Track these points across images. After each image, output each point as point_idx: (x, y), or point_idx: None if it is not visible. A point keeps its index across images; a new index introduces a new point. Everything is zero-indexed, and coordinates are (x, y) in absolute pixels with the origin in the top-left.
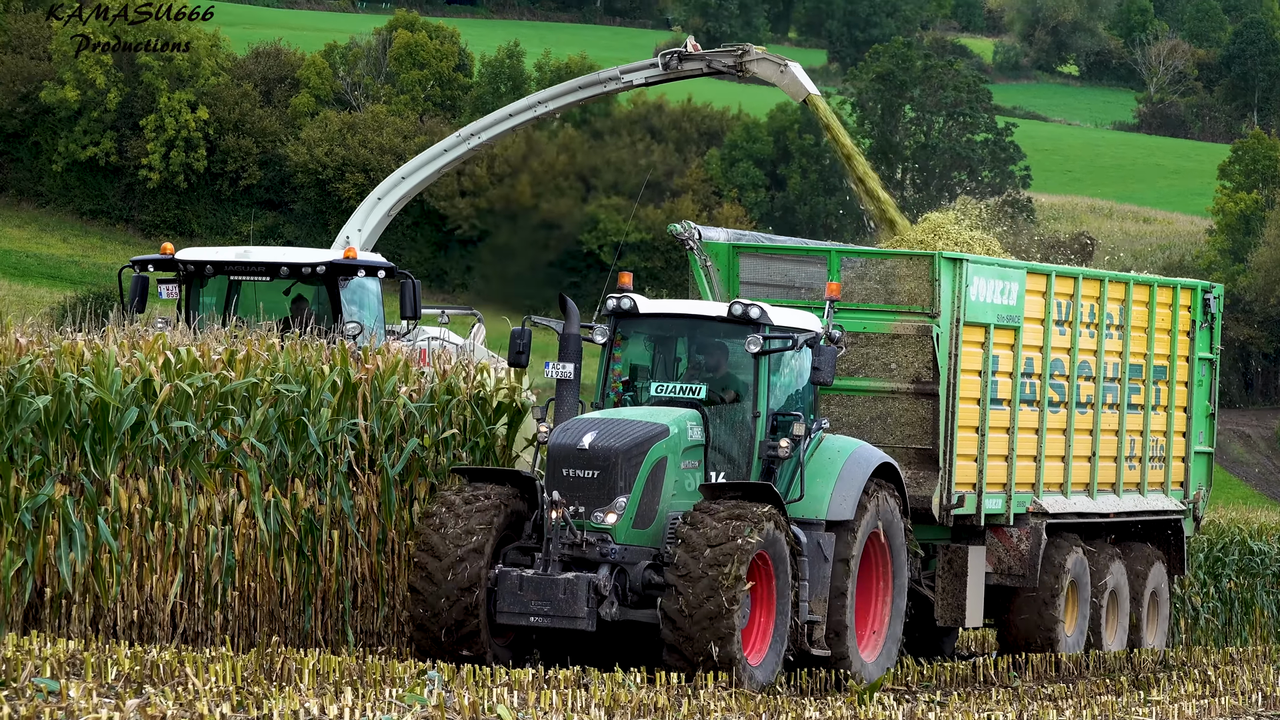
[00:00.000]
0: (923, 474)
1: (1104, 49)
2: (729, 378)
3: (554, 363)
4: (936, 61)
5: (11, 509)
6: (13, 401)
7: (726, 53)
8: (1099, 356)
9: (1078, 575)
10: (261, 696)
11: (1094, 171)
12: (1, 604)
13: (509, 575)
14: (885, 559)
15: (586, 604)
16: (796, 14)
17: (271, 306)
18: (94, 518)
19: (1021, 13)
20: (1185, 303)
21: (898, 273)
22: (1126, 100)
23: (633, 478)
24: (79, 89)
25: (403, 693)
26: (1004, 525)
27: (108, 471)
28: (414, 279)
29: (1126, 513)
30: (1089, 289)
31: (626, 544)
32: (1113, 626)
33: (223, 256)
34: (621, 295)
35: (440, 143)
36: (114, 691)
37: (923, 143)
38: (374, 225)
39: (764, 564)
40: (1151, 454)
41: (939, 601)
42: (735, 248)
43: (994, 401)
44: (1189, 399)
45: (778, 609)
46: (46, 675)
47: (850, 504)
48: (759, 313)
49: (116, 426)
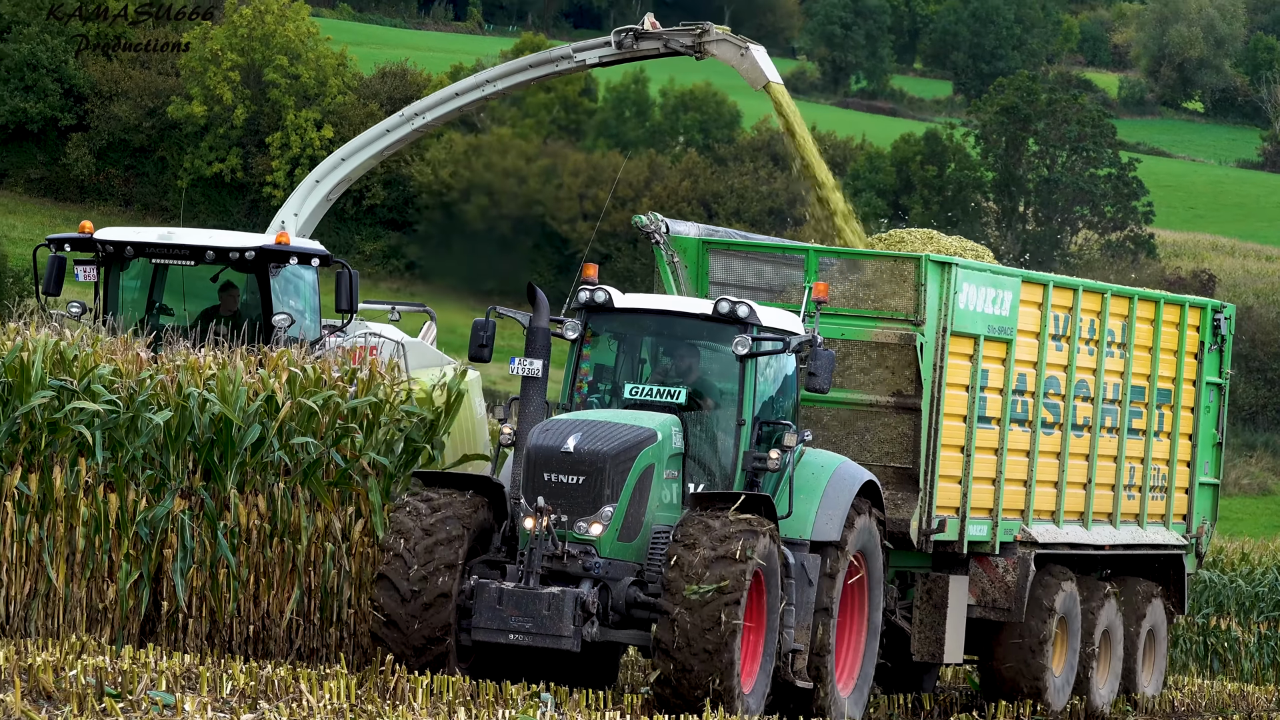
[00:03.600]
0: (901, 495)
1: (1229, 86)
2: (710, 380)
3: (520, 359)
4: (1061, 95)
5: (130, 522)
6: (134, 416)
7: (685, 31)
8: (1098, 376)
9: (1068, 611)
10: (375, 715)
11: (1217, 209)
12: (118, 617)
13: (486, 588)
14: (863, 585)
15: (572, 621)
16: (922, 45)
17: (197, 294)
18: (213, 533)
19: (1148, 48)
20: (1194, 322)
21: (880, 275)
22: (1251, 138)
23: (620, 485)
24: (206, 105)
25: (515, 714)
26: (989, 554)
27: (228, 487)
28: (351, 269)
29: (1123, 545)
30: (1090, 302)
31: (611, 557)
32: (1104, 669)
33: (144, 237)
34: (595, 288)
35: (382, 123)
36: (229, 706)
37: (1046, 176)
38: (311, 210)
39: (757, 583)
40: (1152, 484)
41: (916, 634)
42: (705, 244)
43: (982, 420)
44: (1194, 426)
45: (767, 629)
46: (162, 688)
47: (837, 524)
48: (747, 311)
49: (238, 442)
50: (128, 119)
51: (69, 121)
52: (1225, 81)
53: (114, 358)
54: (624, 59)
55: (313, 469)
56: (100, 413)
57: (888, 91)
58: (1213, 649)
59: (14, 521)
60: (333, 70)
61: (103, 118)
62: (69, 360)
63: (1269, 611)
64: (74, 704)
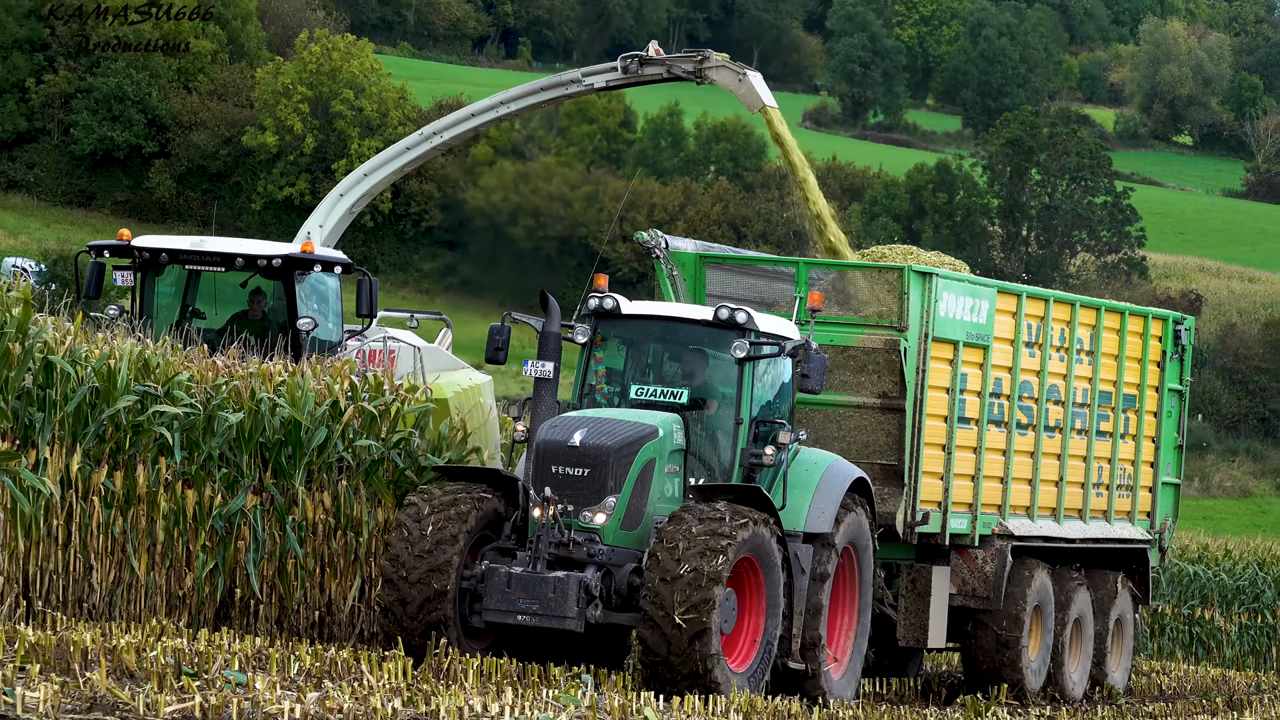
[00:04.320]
0: (887, 490)
1: (1216, 122)
2: (711, 382)
3: (533, 361)
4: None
5: (205, 516)
6: (209, 418)
7: (687, 58)
8: (1069, 381)
9: (1042, 600)
10: (430, 694)
11: (1204, 234)
12: (195, 603)
13: (496, 571)
14: (854, 574)
15: (576, 604)
16: (934, 83)
17: (228, 299)
18: (281, 526)
19: (1141, 86)
20: (1156, 333)
21: (866, 285)
22: (1236, 169)
23: (623, 477)
24: (278, 134)
25: (559, 693)
26: (969, 546)
27: (296, 484)
28: (371, 276)
29: (1092, 540)
30: (1060, 312)
31: (614, 545)
32: (1076, 654)
33: (178, 245)
34: (604, 295)
35: (402, 141)
36: (296, 685)
37: (1047, 203)
38: (335, 222)
39: (752, 568)
40: (1119, 482)
41: (901, 621)
42: (702, 258)
43: (961, 420)
44: (1158, 429)
45: (768, 615)
46: (235, 668)
47: (828, 517)
48: (745, 317)
49: (306, 443)
50: (206, 147)
51: (152, 149)
52: (1212, 117)
53: (191, 365)
54: (629, 83)
55: (374, 468)
56: (180, 415)
57: (902, 125)
58: (1197, 637)
59: (100, 515)
60: (394, 103)
61: (183, 145)
62: (153, 367)
63: (1249, 603)
64: (154, 682)
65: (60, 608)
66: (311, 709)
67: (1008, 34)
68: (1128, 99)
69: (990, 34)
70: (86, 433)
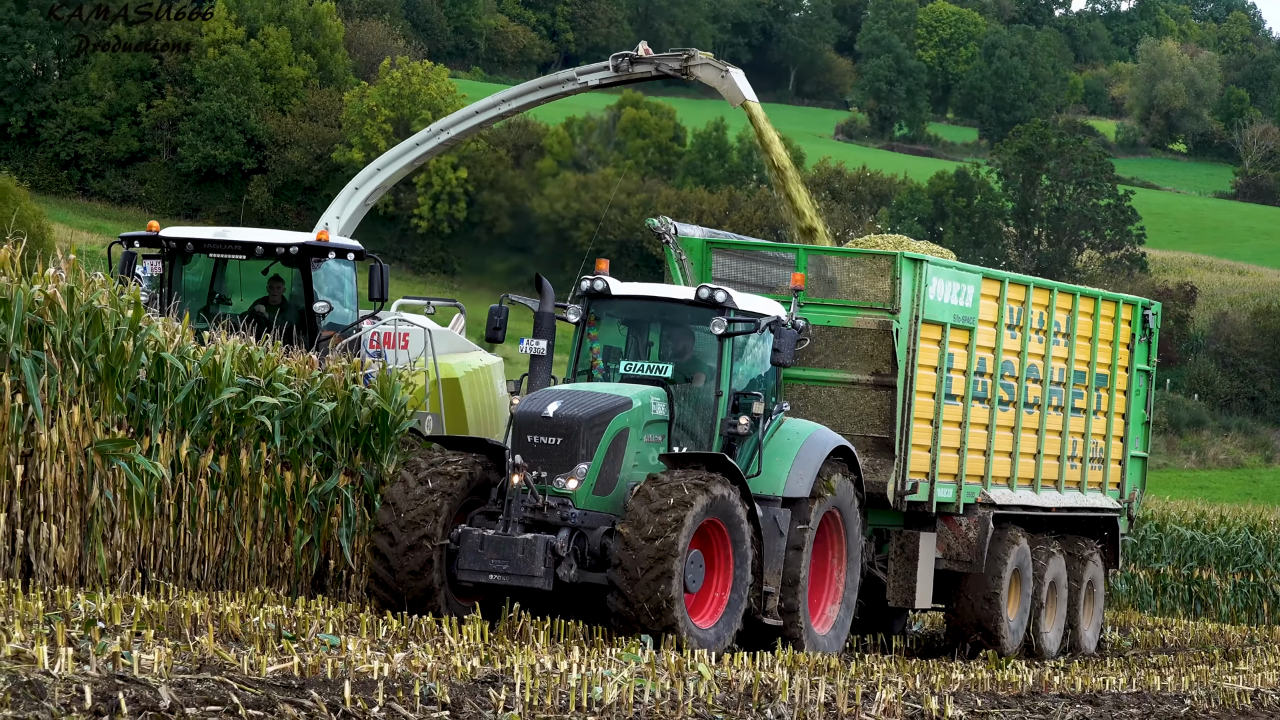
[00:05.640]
0: (879, 461)
1: (1208, 131)
2: (695, 358)
3: (528, 339)
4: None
5: (302, 494)
6: (306, 406)
7: (674, 56)
8: (1046, 361)
9: (1021, 565)
10: (505, 653)
11: (1198, 232)
12: (294, 573)
13: (470, 534)
14: (840, 538)
15: (544, 564)
16: (953, 99)
17: (251, 286)
18: (371, 504)
19: (1139, 100)
20: (1126, 317)
21: (862, 270)
22: (1226, 174)
23: (594, 446)
24: (364, 151)
25: (620, 651)
26: (954, 514)
27: (384, 466)
28: (383, 263)
29: (1067, 508)
30: (1039, 297)
31: (587, 509)
32: (1052, 615)
33: (203, 235)
34: (595, 277)
35: (413, 137)
36: (384, 646)
37: (1056, 206)
38: (352, 213)
39: (718, 530)
40: (1091, 455)
41: (891, 583)
42: (709, 244)
43: (948, 396)
44: (1127, 406)
45: (735, 575)
46: (329, 632)
47: (806, 482)
48: (724, 296)
49: (392, 429)
50: (299, 163)
51: (251, 165)
52: (1204, 127)
53: (289, 360)
54: (621, 81)
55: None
56: (278, 405)
57: (925, 137)
58: (1196, 595)
59: (207, 495)
60: None
61: (278, 162)
62: (255, 362)
63: (1242, 564)
64: (257, 645)
65: (172, 579)
66: (399, 667)
67: (1019, 54)
68: (1127, 111)
69: (1003, 54)
70: (194, 421)
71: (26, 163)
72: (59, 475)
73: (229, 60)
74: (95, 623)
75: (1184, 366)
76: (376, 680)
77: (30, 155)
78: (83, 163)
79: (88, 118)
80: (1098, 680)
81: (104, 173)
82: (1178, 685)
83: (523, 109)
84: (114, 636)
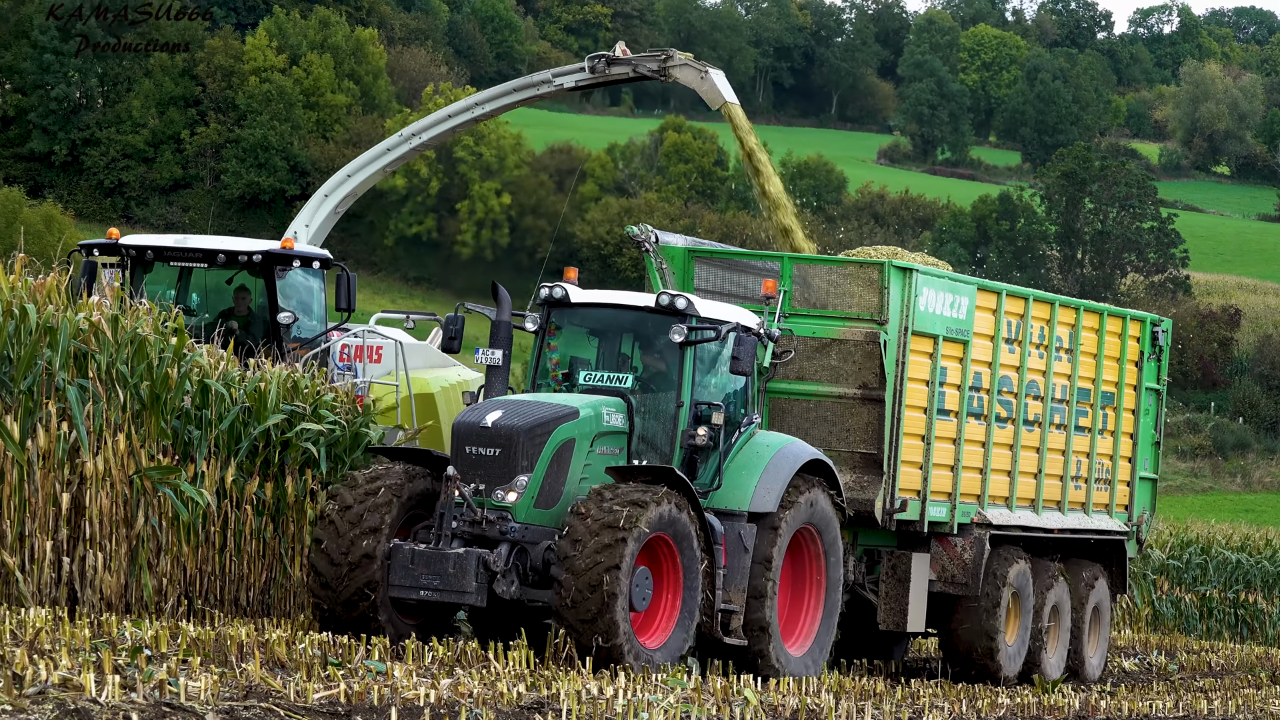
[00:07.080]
0: (867, 478)
1: (1251, 153)
2: (656, 367)
3: (484, 349)
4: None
5: None
6: (354, 434)
7: (651, 57)
8: (1048, 377)
9: (1020, 587)
10: (550, 679)
11: (1242, 254)
12: None
13: (401, 549)
14: (818, 557)
15: (476, 579)
16: (996, 122)
17: (216, 295)
18: None
19: (1182, 122)
20: (1134, 334)
21: (849, 280)
22: (1269, 196)
23: (535, 457)
24: (406, 178)
25: (666, 677)
26: (948, 534)
27: None
28: (350, 273)
29: (1070, 530)
30: (1040, 311)
31: (528, 523)
32: (1054, 641)
33: (163, 242)
34: (554, 285)
35: (383, 142)
36: (429, 673)
37: (1099, 229)
38: (322, 221)
39: (667, 546)
40: (1097, 476)
41: (882, 606)
42: (691, 252)
43: (941, 412)
44: (1135, 426)
45: (685, 591)
46: (375, 659)
47: (774, 497)
48: (685, 303)
49: None
50: None
51: (294, 191)
52: (1247, 150)
53: (334, 388)
54: (597, 83)
55: None
56: (324, 431)
57: (968, 160)
58: (1242, 619)
59: (253, 522)
60: (510, 148)
61: None
62: (301, 388)
63: None
64: (303, 672)
65: (218, 605)
66: (445, 694)
67: (1061, 77)
68: (1170, 134)
69: (1045, 77)
70: (239, 448)
71: (71, 190)
72: (105, 503)
73: (271, 88)
74: (141, 650)
75: (1229, 390)
76: (423, 707)
77: (74, 183)
78: (127, 190)
79: (131, 145)
80: (1144, 705)
81: (148, 200)
82: (1224, 709)
83: (496, 112)
84: (160, 664)
